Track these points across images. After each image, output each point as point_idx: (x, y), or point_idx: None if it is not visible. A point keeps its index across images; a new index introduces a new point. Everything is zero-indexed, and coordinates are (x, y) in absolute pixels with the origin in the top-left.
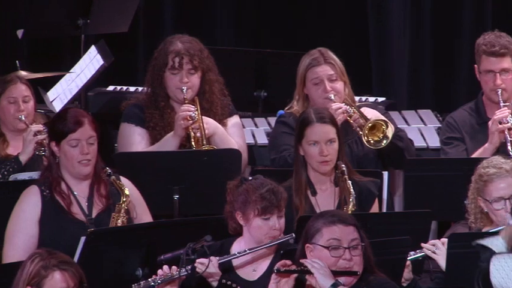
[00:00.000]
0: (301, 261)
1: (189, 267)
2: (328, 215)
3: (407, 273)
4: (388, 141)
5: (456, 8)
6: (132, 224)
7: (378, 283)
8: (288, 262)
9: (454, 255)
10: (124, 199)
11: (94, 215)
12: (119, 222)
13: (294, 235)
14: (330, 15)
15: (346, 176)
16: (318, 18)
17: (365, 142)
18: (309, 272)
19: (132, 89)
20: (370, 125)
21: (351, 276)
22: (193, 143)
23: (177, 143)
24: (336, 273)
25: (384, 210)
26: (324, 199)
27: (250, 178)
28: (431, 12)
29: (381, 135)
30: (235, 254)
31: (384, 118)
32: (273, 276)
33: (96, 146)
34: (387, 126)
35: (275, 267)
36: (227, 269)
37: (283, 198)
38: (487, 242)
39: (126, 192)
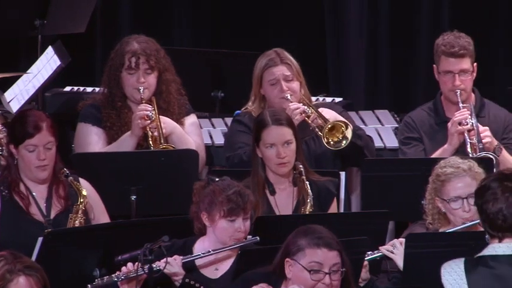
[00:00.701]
0: None
1: (147, 266)
2: (314, 236)
3: (364, 274)
4: (348, 141)
5: (413, 7)
6: (90, 224)
7: None
8: (265, 286)
9: (411, 256)
10: (81, 200)
11: (52, 216)
12: (77, 223)
13: (258, 238)
14: (287, 15)
15: (304, 177)
16: (274, 18)
17: (325, 144)
18: None
19: (89, 89)
20: (329, 126)
21: None
22: (150, 142)
23: (134, 142)
24: None
25: (342, 210)
26: (283, 199)
27: (217, 179)
28: (388, 11)
29: (341, 135)
30: (199, 254)
31: (343, 119)
32: None
33: (54, 151)
34: (346, 127)
35: None
36: (190, 268)
37: (250, 201)
38: None
39: (84, 193)
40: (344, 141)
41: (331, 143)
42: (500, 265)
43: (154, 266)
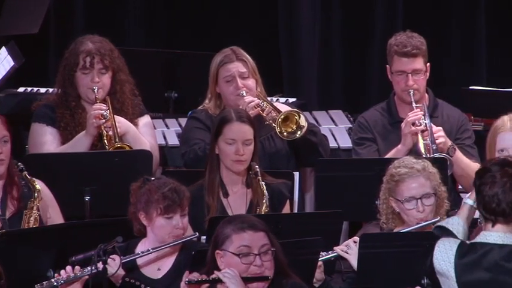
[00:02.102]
0: (216, 273)
1: (94, 266)
2: (237, 221)
3: (319, 274)
4: (303, 131)
5: (367, 7)
6: (44, 225)
7: (291, 286)
8: (196, 275)
9: (365, 256)
10: (36, 195)
11: (7, 216)
12: (32, 220)
13: (197, 234)
14: (241, 15)
15: (260, 177)
16: (228, 18)
17: (278, 134)
18: (220, 281)
19: (42, 90)
20: (283, 116)
21: (263, 282)
22: (105, 142)
23: (89, 142)
24: (247, 280)
25: (296, 210)
26: (236, 200)
27: (152, 178)
28: (341, 12)
29: (295, 126)
30: (138, 254)
31: (296, 109)
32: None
33: (9, 146)
34: (300, 116)
35: (186, 279)
36: (131, 268)
37: (186, 197)
38: (443, 222)
39: (38, 187)
40: (299, 131)
41: (285, 133)
42: (490, 254)
43: (93, 268)
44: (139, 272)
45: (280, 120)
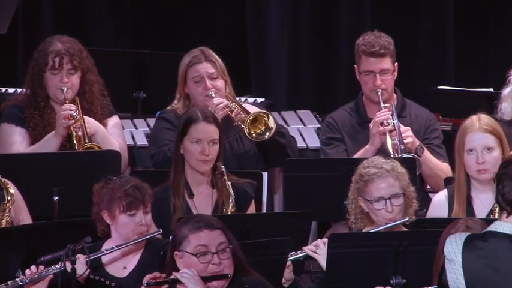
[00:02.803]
0: (174, 274)
1: (59, 265)
2: (193, 221)
3: (288, 274)
4: (272, 132)
5: (335, 7)
6: (12, 226)
7: (251, 283)
8: (157, 274)
9: (334, 256)
10: (9, 198)
11: None
12: (3, 222)
13: (161, 230)
14: (209, 15)
15: (226, 177)
16: (196, 18)
17: (247, 135)
18: (179, 282)
19: (11, 90)
20: (252, 117)
21: (223, 280)
22: (75, 142)
23: (58, 142)
24: (206, 279)
25: (264, 211)
26: (201, 201)
27: (114, 178)
28: (309, 11)
29: (263, 127)
30: (102, 252)
31: (265, 110)
32: None
33: None
34: (269, 118)
35: (145, 281)
36: (97, 267)
37: (148, 194)
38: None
39: (11, 190)
40: (267, 133)
41: (254, 135)
42: (497, 243)
43: (59, 267)
44: (104, 270)
45: (249, 121)
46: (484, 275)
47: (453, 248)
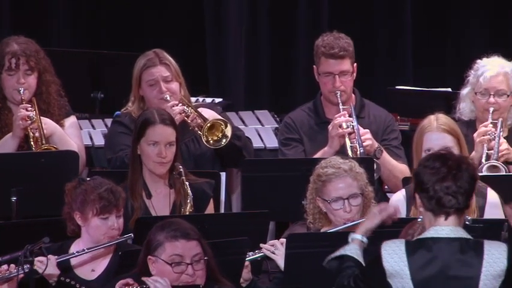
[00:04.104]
0: (143, 279)
1: (28, 266)
2: (171, 228)
3: (246, 274)
4: (228, 140)
5: (292, 7)
6: None
7: None
8: (130, 281)
9: (292, 256)
10: None
11: None
12: None
13: (132, 235)
14: (167, 15)
15: (184, 178)
16: (155, 19)
17: (205, 142)
18: None
19: None
20: (209, 124)
21: None
22: (32, 143)
23: (15, 143)
24: None
25: (222, 211)
26: (159, 201)
27: (88, 179)
28: (268, 12)
29: (220, 134)
30: (73, 253)
31: (222, 118)
32: None
33: None
34: (226, 126)
35: (117, 287)
36: (65, 268)
37: (122, 198)
38: (337, 253)
39: None
40: (224, 140)
41: (211, 141)
42: (441, 248)
43: (29, 266)
44: (73, 272)
45: (206, 128)
46: (436, 284)
47: (395, 260)
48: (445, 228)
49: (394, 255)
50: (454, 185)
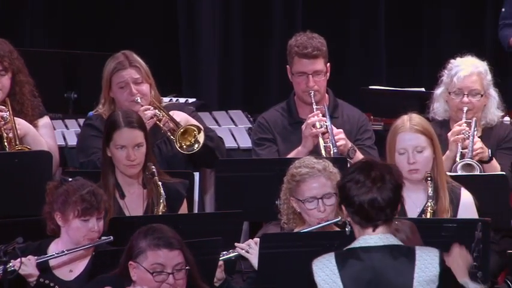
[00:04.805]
0: None
1: (2, 266)
2: (154, 236)
3: (220, 273)
4: (200, 145)
5: (266, 7)
6: None
7: None
8: None
9: (265, 256)
10: None
11: None
12: None
13: (111, 237)
14: (141, 15)
15: (157, 177)
16: (128, 18)
17: (178, 148)
18: None
19: None
20: (182, 130)
21: None
22: (6, 144)
23: None
24: None
25: (196, 211)
26: (133, 201)
27: (70, 179)
28: (241, 11)
29: (193, 139)
30: (53, 254)
31: (195, 123)
32: None
33: None
34: (199, 132)
35: None
36: (44, 269)
37: (104, 200)
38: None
39: None
40: (196, 145)
41: (184, 146)
42: (372, 256)
43: (8, 266)
44: (51, 273)
45: (179, 134)
46: None
47: (327, 273)
48: (374, 236)
49: (325, 269)
50: (379, 198)
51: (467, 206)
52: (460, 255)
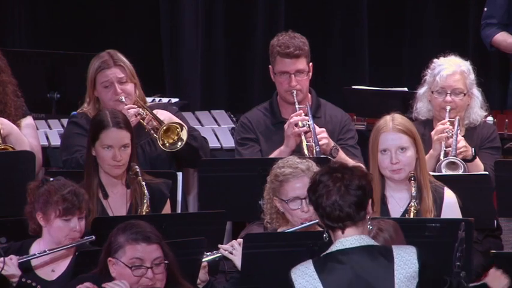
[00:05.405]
0: (103, 285)
1: None
2: (132, 231)
3: (203, 274)
4: (183, 143)
5: (249, 7)
6: None
7: None
8: (89, 285)
9: (249, 256)
10: None
11: None
12: None
13: (93, 237)
14: (124, 15)
15: (140, 178)
16: (111, 19)
17: (160, 145)
18: None
19: None
20: (164, 128)
21: None
22: None
23: None
24: None
25: (179, 211)
26: (116, 201)
27: (51, 179)
28: (223, 12)
29: (176, 137)
30: (35, 254)
31: (178, 121)
32: None
33: None
34: (182, 129)
35: None
36: (26, 269)
37: (85, 200)
38: None
39: None
40: (179, 143)
41: (167, 144)
42: (351, 258)
43: None
44: (33, 273)
45: (162, 131)
46: None
47: (307, 280)
48: (349, 238)
49: (304, 275)
50: (340, 200)
51: (451, 206)
52: (495, 278)
